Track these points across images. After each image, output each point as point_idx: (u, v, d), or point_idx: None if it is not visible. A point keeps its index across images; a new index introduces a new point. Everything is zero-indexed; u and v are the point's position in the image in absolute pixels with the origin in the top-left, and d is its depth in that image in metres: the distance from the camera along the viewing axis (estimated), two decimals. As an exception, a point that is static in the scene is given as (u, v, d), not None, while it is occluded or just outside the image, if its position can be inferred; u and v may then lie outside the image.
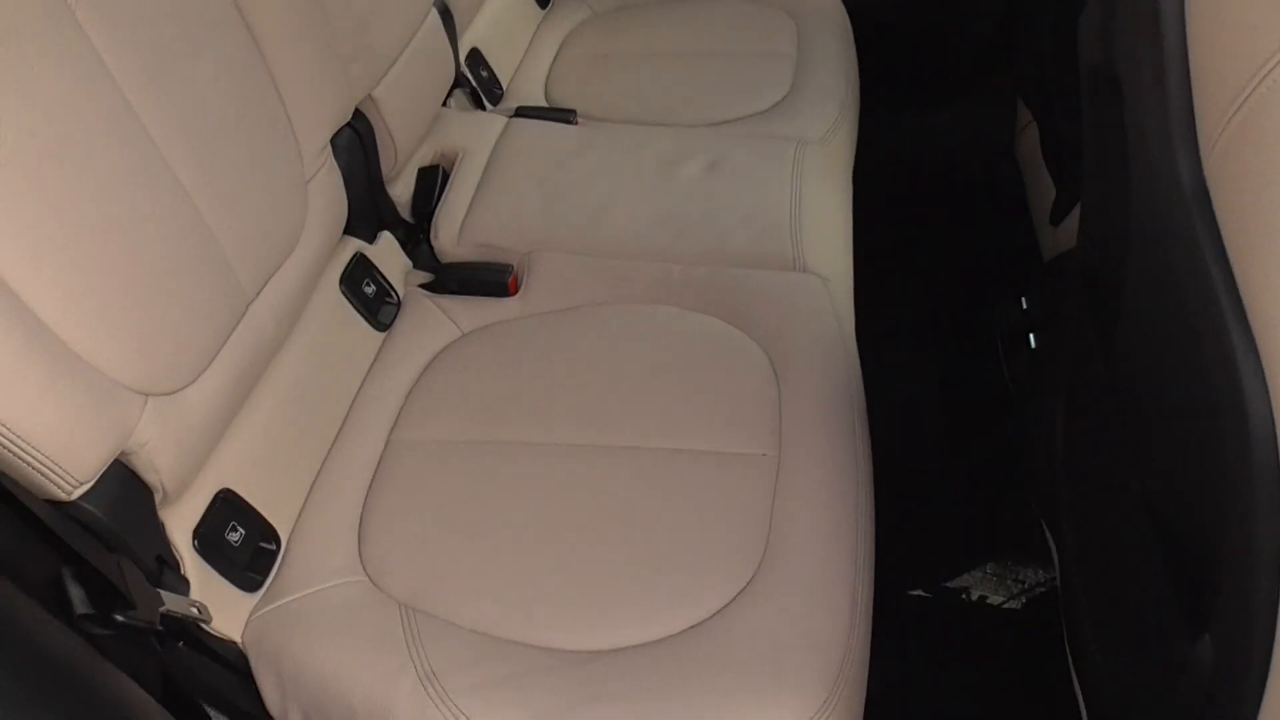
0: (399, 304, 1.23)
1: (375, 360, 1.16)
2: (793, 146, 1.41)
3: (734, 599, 0.89)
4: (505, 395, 1.10)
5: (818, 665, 0.84)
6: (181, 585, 0.87)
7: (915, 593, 1.38)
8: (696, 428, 1.05)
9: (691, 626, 0.88)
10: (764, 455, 1.02)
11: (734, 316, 1.17)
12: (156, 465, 0.84)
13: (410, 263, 1.27)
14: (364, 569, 0.96)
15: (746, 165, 1.37)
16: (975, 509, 1.44)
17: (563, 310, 1.21)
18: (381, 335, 1.19)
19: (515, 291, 1.24)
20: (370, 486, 1.03)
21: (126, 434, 0.80)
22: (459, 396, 1.11)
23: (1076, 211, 1.19)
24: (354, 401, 1.11)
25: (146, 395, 0.83)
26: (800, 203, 1.31)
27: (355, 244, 1.20)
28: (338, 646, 0.88)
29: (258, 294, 0.99)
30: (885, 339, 1.64)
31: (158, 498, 0.87)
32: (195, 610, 0.83)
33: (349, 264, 1.18)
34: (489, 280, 1.23)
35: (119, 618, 0.70)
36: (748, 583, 0.91)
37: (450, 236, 1.29)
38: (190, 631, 0.89)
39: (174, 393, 0.87)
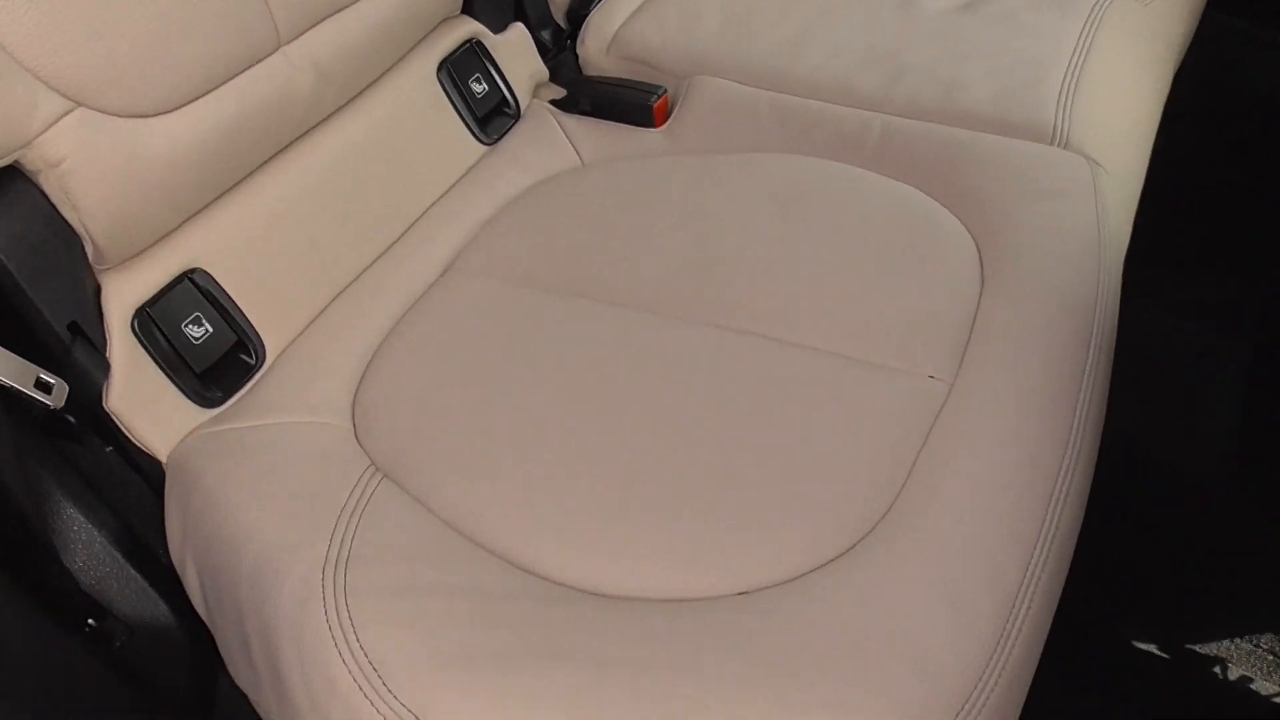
0: (517, 117, 0.97)
1: (465, 175, 0.91)
2: (1095, -5, 1.00)
3: (818, 567, 0.57)
4: (607, 241, 0.81)
5: (924, 698, 0.50)
6: (97, 368, 0.66)
7: (1145, 647, 0.98)
8: (846, 324, 0.71)
9: (741, 593, 0.56)
10: (930, 378, 0.67)
11: (942, 190, 0.82)
12: (74, 199, 0.63)
13: (546, 72, 1.00)
14: (351, 413, 0.72)
15: (1020, 6, 0.99)
16: (1261, 554, 1.00)
17: (714, 153, 0.91)
18: (484, 150, 0.94)
19: (662, 122, 0.95)
20: (402, 317, 0.78)
21: (16, 137, 0.59)
22: (550, 232, 0.84)
23: None
24: (421, 216, 0.87)
25: (76, 103, 0.62)
26: (1084, 63, 0.92)
27: (473, 27, 0.94)
28: (260, 492, 0.64)
29: (297, 36, 0.76)
30: (1185, 301, 1.21)
31: (89, 251, 0.66)
32: (39, 389, 0.61)
33: (458, 49, 0.93)
34: (631, 102, 0.94)
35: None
36: (847, 549, 0.58)
37: (599, 44, 1.01)
38: (116, 435, 0.69)
39: (126, 116, 0.65)
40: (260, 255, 0.76)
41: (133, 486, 0.70)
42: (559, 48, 1.03)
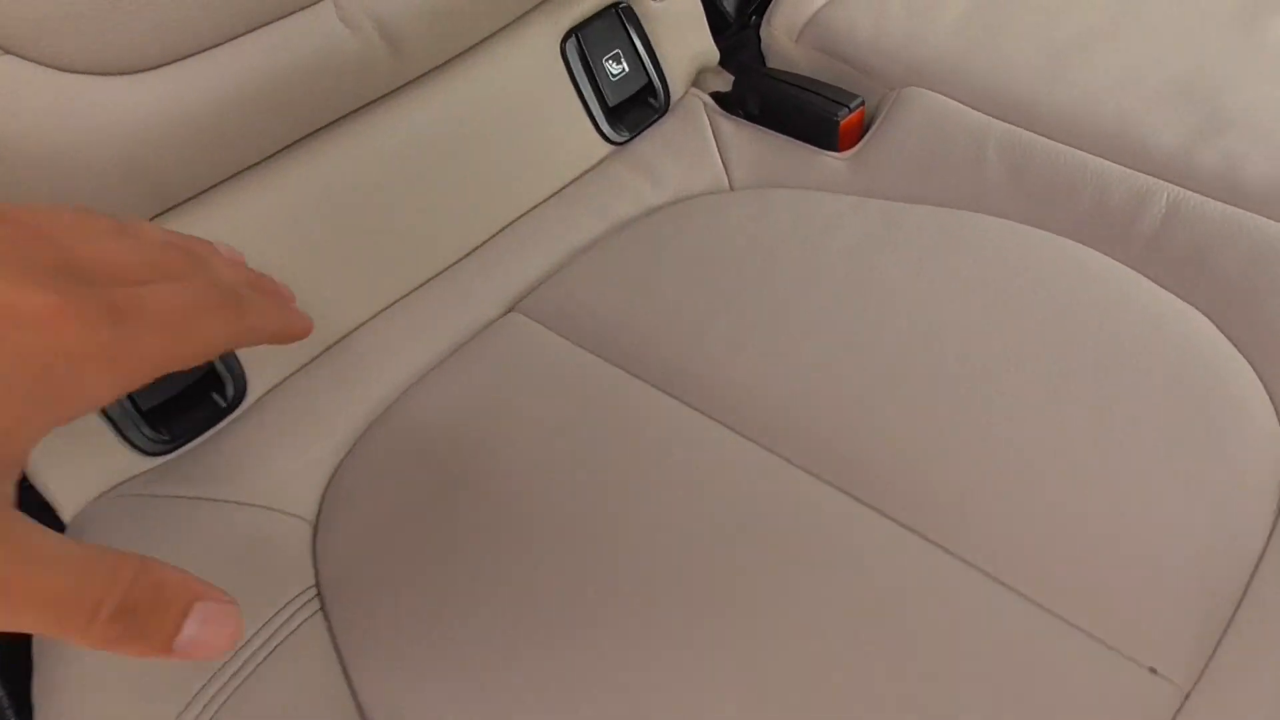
0: (664, 111, 0.74)
1: (575, 181, 0.70)
2: None
3: None
4: (728, 313, 0.58)
5: None
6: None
7: None
8: (1036, 544, 0.45)
9: None
10: (1151, 672, 0.40)
11: (1245, 324, 0.52)
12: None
13: (716, 53, 0.76)
14: (319, 504, 0.54)
15: None
16: None
17: (912, 204, 0.64)
18: (609, 150, 0.72)
19: (849, 146, 0.69)
20: (428, 371, 0.59)
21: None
22: (656, 283, 0.61)
23: None
24: (503, 230, 0.67)
25: (5, 51, 0.46)
26: None
27: (618, -12, 0.72)
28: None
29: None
30: None
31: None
32: None
33: (594, 15, 0.71)
34: (813, 111, 0.69)
35: None
36: None
37: (788, 27, 0.75)
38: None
39: (75, 73, 0.48)
40: (262, 265, 0.58)
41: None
42: (741, 24, 0.79)
